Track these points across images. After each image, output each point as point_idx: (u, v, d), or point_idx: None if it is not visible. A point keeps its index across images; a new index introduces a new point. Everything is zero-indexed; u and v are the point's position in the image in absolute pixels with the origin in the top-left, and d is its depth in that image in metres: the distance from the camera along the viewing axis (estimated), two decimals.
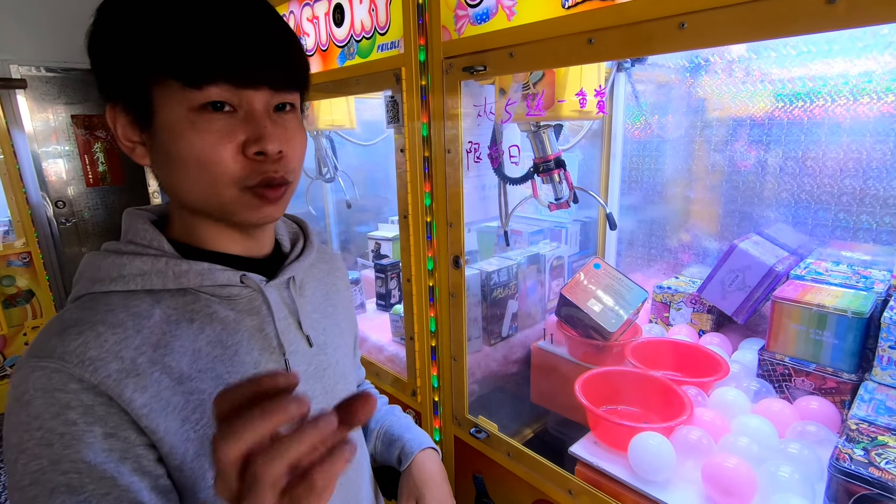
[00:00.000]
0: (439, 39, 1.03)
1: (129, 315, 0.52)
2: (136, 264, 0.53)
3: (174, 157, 0.51)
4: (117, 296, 0.53)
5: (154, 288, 0.54)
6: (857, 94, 1.16)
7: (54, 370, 0.46)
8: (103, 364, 0.48)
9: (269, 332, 0.60)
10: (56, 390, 0.46)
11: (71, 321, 0.49)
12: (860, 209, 1.20)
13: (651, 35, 0.72)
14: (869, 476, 0.73)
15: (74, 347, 0.47)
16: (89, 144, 3.80)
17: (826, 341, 1.04)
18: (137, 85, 0.50)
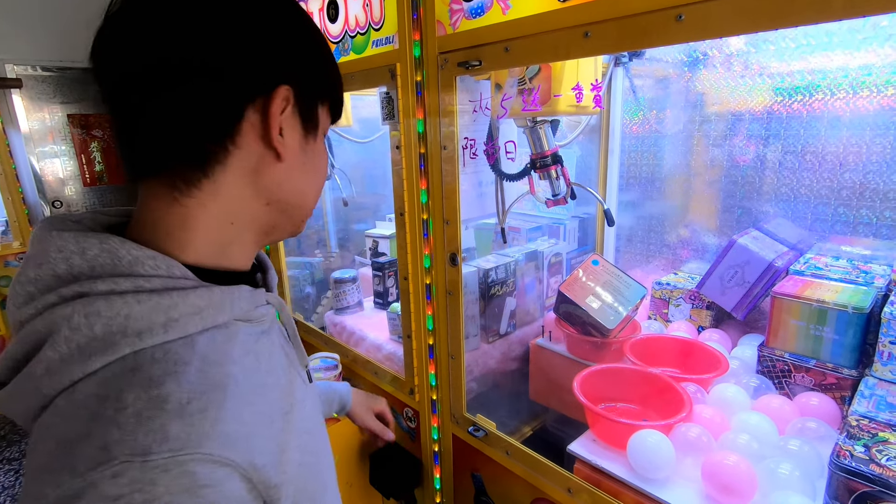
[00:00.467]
0: (434, 34, 1.02)
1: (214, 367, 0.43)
2: (190, 301, 0.43)
3: (315, 167, 0.55)
4: (179, 346, 0.42)
5: (206, 327, 0.45)
6: (857, 87, 1.15)
7: (199, 460, 0.37)
8: (241, 434, 0.41)
9: (284, 345, 0.58)
10: (203, 487, 0.37)
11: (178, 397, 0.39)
12: (860, 203, 1.19)
13: (648, 28, 0.71)
14: (870, 473, 0.73)
15: (209, 429, 0.39)
16: (86, 144, 3.78)
17: (826, 337, 1.03)
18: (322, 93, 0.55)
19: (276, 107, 0.47)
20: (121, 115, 0.46)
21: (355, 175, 2.09)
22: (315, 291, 2.14)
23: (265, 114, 0.47)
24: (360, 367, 1.55)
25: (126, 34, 0.45)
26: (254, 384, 0.46)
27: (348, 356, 1.58)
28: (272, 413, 0.47)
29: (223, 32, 0.45)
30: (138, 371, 0.39)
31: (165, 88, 0.44)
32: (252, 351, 0.49)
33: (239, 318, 0.49)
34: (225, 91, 0.45)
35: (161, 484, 0.35)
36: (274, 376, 0.50)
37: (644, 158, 1.59)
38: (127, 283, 0.41)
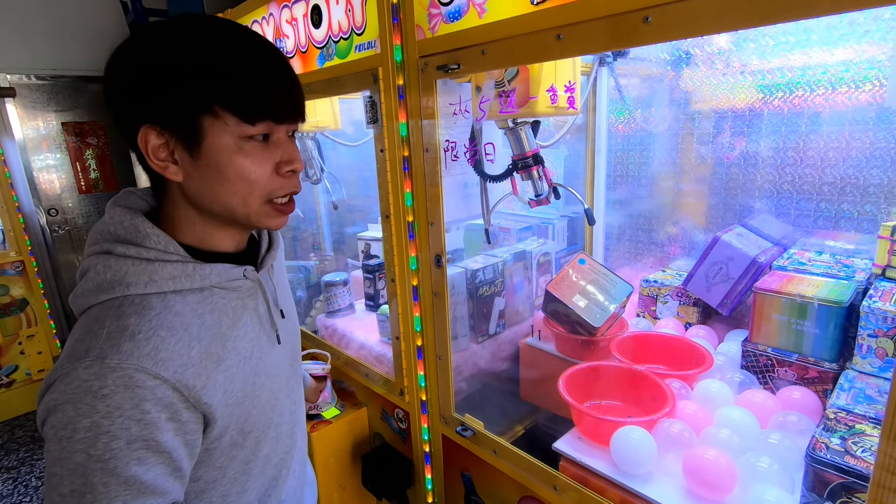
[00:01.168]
0: (414, 38, 1.03)
1: (173, 316, 0.62)
2: (168, 270, 0.63)
3: (221, 175, 0.62)
4: (155, 298, 0.62)
5: (180, 289, 0.64)
6: (836, 83, 1.16)
7: (135, 370, 0.56)
8: (171, 362, 0.59)
9: (262, 312, 0.74)
10: (136, 387, 0.56)
11: (134, 327, 0.58)
12: (841, 198, 1.20)
13: (617, 30, 0.72)
14: (844, 465, 0.74)
15: (149, 350, 0.57)
16: (80, 151, 3.79)
17: (807, 331, 1.04)
18: (190, 114, 0.60)
19: (143, 144, 0.60)
20: None
21: (348, 178, 2.10)
22: (307, 295, 2.15)
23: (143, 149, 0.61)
24: (352, 370, 1.56)
25: None
26: (210, 332, 0.64)
27: (340, 358, 1.59)
28: (223, 354, 0.65)
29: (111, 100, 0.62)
30: (120, 307, 0.60)
31: None
32: (219, 310, 0.67)
33: (215, 285, 0.67)
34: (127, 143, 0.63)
35: (110, 378, 0.55)
36: (237, 330, 0.68)
37: (631, 157, 1.60)
38: (134, 250, 0.62)
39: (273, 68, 0.63)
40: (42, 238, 3.64)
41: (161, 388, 0.57)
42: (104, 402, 0.55)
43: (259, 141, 0.63)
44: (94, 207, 3.93)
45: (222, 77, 0.59)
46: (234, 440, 0.68)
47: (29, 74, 3.50)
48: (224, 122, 0.60)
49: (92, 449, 0.55)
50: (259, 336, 0.72)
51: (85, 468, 0.55)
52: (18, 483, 2.57)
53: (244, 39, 0.62)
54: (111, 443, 0.55)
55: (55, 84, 3.66)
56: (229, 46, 0.60)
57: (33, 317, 3.19)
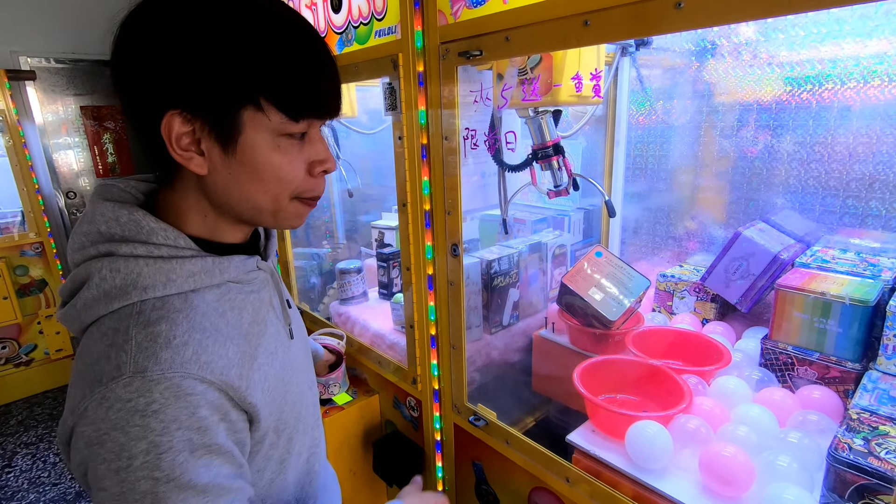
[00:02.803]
0: (436, 24, 1.01)
1: (201, 316, 0.57)
2: (187, 268, 0.58)
3: (255, 174, 0.57)
4: (175, 299, 0.56)
5: (199, 287, 0.59)
6: (868, 76, 1.13)
7: (182, 378, 0.52)
8: (214, 364, 0.55)
9: (276, 303, 0.70)
10: (187, 395, 0.51)
11: (167, 333, 0.53)
12: (869, 195, 1.17)
13: (647, 15, 0.70)
14: (867, 466, 0.72)
15: (190, 356, 0.53)
16: (98, 135, 3.83)
17: (830, 330, 1.02)
18: (231, 105, 0.54)
19: (167, 132, 0.54)
20: None
21: (363, 166, 2.10)
22: (321, 282, 2.16)
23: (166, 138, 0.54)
24: (364, 357, 1.56)
25: None
26: (236, 331, 0.60)
27: (353, 346, 1.59)
28: (253, 352, 0.61)
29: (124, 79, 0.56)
30: (141, 314, 0.54)
31: None
32: (238, 306, 0.62)
33: (231, 280, 0.63)
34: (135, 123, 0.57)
35: (156, 391, 0.50)
36: (259, 326, 0.64)
37: (651, 149, 1.58)
38: (142, 248, 0.56)
39: (323, 58, 0.57)
40: (60, 220, 3.69)
41: (210, 392, 0.54)
42: (157, 419, 0.50)
43: (297, 139, 0.58)
44: None
45: (272, 66, 0.53)
46: (271, 441, 0.64)
47: (49, 58, 3.54)
48: (267, 116, 0.55)
49: (157, 471, 0.50)
50: (279, 330, 0.69)
51: (155, 495, 0.50)
52: (37, 458, 2.63)
53: (292, 22, 0.56)
54: (176, 458, 0.50)
55: (74, 68, 3.69)
56: (279, 29, 0.54)
57: (52, 297, 3.25)
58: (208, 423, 0.53)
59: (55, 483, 2.46)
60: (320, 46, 0.57)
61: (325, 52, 0.57)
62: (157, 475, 0.49)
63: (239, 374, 0.57)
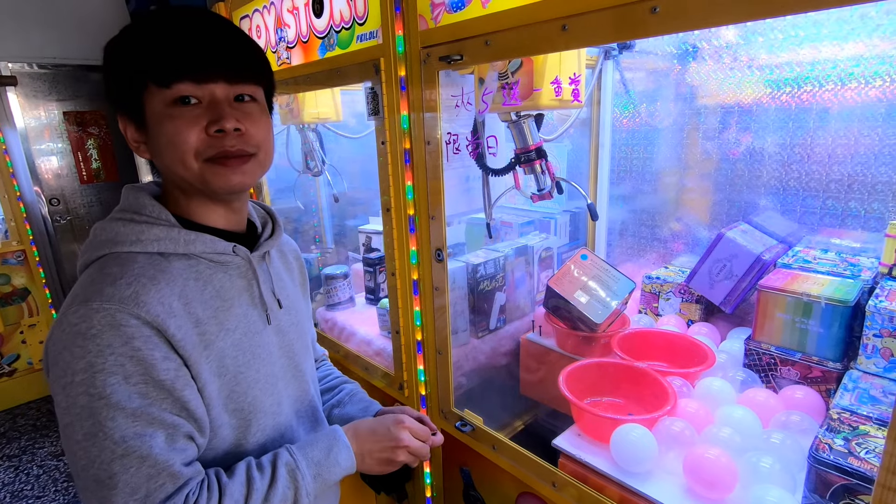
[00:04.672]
0: (416, 28, 1.01)
1: (157, 271, 0.66)
2: (154, 232, 0.68)
3: (158, 143, 0.67)
4: (141, 256, 0.67)
5: (166, 251, 0.68)
6: (845, 78, 1.14)
7: (117, 310, 0.60)
8: (152, 306, 0.62)
9: (255, 293, 0.77)
10: (121, 325, 0.60)
11: (116, 274, 0.63)
12: (849, 196, 1.19)
13: (624, 20, 0.71)
14: (847, 466, 0.73)
15: (130, 294, 0.62)
16: (82, 141, 3.78)
17: (811, 330, 1.03)
18: (132, 93, 0.66)
19: (123, 130, 0.70)
20: None
21: (351, 170, 2.08)
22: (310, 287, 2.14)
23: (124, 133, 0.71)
24: (352, 363, 1.55)
25: None
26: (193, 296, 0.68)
27: (339, 352, 1.58)
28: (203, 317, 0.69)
29: None
30: (108, 260, 0.66)
31: None
32: (203, 279, 0.71)
33: (201, 255, 0.71)
34: None
35: (95, 319, 0.59)
36: (221, 301, 0.72)
37: (635, 152, 1.58)
38: (128, 216, 0.69)
39: (188, 30, 0.65)
40: (44, 228, 3.64)
41: (145, 328, 0.61)
42: (94, 342, 0.58)
43: (185, 105, 0.65)
44: (96, 197, 3.93)
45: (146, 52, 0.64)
46: (220, 418, 0.70)
47: (31, 63, 3.49)
48: (151, 92, 0.65)
49: (92, 388, 0.58)
50: (248, 314, 0.75)
51: (90, 409, 0.58)
52: (20, 471, 2.58)
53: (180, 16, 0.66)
54: (108, 379, 0.58)
55: (56, 73, 3.64)
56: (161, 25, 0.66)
57: (35, 306, 3.20)
58: (143, 355, 0.61)
59: (38, 496, 2.41)
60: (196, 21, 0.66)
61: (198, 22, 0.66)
62: (91, 391, 0.58)
63: (177, 326, 0.64)
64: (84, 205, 3.89)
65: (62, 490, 2.44)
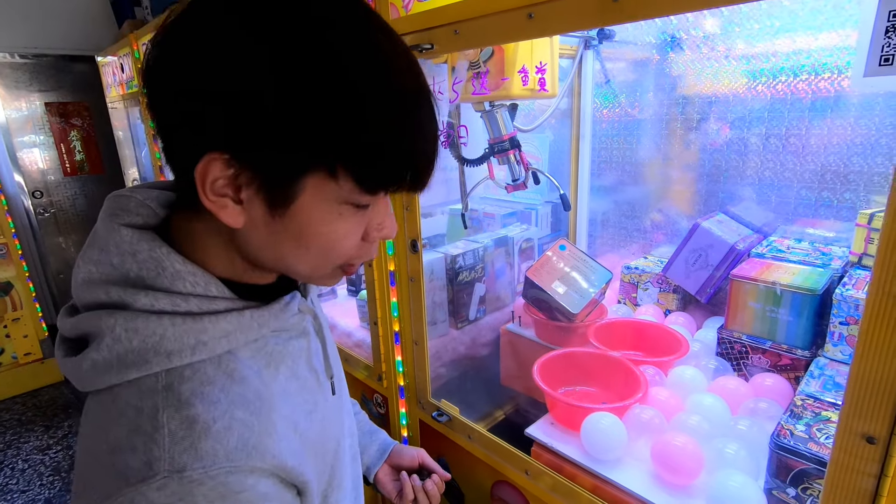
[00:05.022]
0: (388, 16, 1.00)
1: (238, 385, 0.47)
2: (220, 327, 0.46)
3: (299, 242, 0.46)
4: (209, 367, 0.46)
5: (235, 347, 0.48)
6: (819, 69, 1.14)
7: (228, 472, 0.42)
8: (263, 445, 0.45)
9: (316, 350, 0.59)
10: (235, 493, 0.42)
11: (205, 417, 0.43)
12: (822, 186, 1.20)
13: (587, 9, 0.70)
14: (807, 451, 0.74)
15: (235, 443, 0.43)
16: (65, 133, 3.73)
17: (781, 318, 1.04)
18: (297, 166, 0.42)
19: (201, 175, 0.42)
20: None
21: None
22: None
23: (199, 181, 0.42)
24: None
25: None
26: (277, 392, 0.50)
27: None
28: (296, 416, 0.52)
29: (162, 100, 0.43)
30: (170, 391, 0.44)
31: None
32: (275, 361, 0.52)
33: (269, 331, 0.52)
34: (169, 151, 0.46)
35: (199, 494, 0.40)
36: (298, 381, 0.54)
37: (615, 142, 1.58)
38: (165, 300, 0.45)
39: (429, 128, 0.45)
40: (27, 221, 3.60)
41: (262, 483, 0.44)
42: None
43: (359, 208, 0.46)
44: (80, 190, 3.88)
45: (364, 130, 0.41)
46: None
47: (11, 53, 3.42)
48: (339, 185, 0.43)
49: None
50: (317, 382, 0.59)
51: None
52: (5, 466, 2.57)
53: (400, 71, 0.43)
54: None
55: (37, 63, 3.58)
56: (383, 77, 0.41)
57: (18, 300, 3.17)
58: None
59: (23, 490, 2.40)
60: (429, 111, 0.45)
61: (432, 119, 0.45)
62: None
63: (290, 450, 0.48)
64: (68, 197, 3.85)
65: (47, 484, 2.44)
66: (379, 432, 0.92)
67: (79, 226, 3.90)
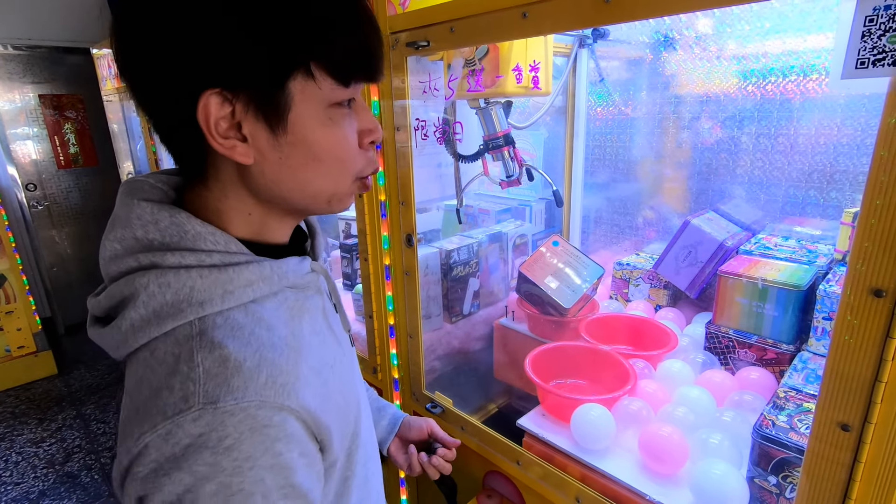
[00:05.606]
0: (385, 13, 1.01)
1: (266, 330, 0.50)
2: (244, 276, 0.50)
3: (311, 155, 0.49)
4: (238, 314, 0.50)
5: (258, 297, 0.51)
6: (808, 70, 1.17)
7: (258, 406, 0.45)
8: (290, 386, 0.48)
9: (329, 308, 0.62)
10: (264, 428, 0.45)
11: (237, 356, 0.46)
12: (808, 185, 1.22)
13: (581, 8, 0.72)
14: (788, 441, 0.76)
15: (264, 380, 0.46)
16: (59, 125, 3.71)
17: (767, 314, 1.07)
18: (279, 73, 0.46)
19: (203, 117, 0.45)
20: None
21: None
22: None
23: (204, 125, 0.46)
24: None
25: None
26: (302, 342, 0.53)
27: None
28: (320, 366, 0.54)
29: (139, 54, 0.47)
30: (204, 335, 0.47)
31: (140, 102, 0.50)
32: (297, 315, 0.55)
33: (288, 286, 0.55)
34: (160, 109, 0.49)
35: (230, 424, 0.44)
36: (320, 336, 0.57)
37: (609, 140, 1.61)
38: (192, 257, 0.48)
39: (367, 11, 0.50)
40: (21, 213, 3.58)
41: (289, 422, 0.47)
42: (230, 457, 0.43)
43: (345, 107, 0.50)
44: (74, 183, 3.87)
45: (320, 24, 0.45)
46: (342, 471, 0.58)
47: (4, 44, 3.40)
48: (317, 84, 0.47)
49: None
50: (336, 339, 0.62)
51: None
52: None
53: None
54: (246, 501, 0.44)
55: (31, 55, 3.56)
56: None
57: (12, 293, 3.16)
58: (285, 459, 0.46)
59: (17, 482, 2.41)
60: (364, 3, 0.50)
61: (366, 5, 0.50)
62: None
63: (314, 394, 0.51)
64: (62, 190, 3.83)
65: (41, 476, 2.44)
66: (389, 407, 0.95)
67: (73, 219, 3.89)
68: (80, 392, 3.18)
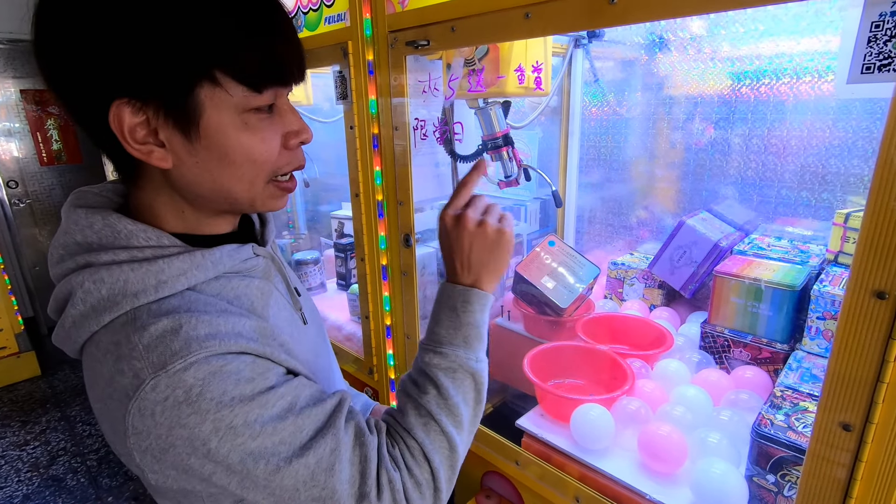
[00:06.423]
0: (384, 12, 1.01)
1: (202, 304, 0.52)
2: (175, 266, 0.52)
3: (225, 158, 0.51)
4: (172, 299, 0.51)
5: (193, 284, 0.53)
6: (800, 73, 1.18)
7: (208, 356, 0.48)
8: (235, 333, 0.51)
9: (282, 289, 0.65)
10: (221, 367, 0.48)
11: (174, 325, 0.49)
12: (801, 186, 1.24)
13: (584, 10, 0.72)
14: (786, 440, 0.77)
15: (205, 335, 0.49)
16: (41, 121, 3.63)
17: (762, 313, 1.08)
18: (184, 82, 0.47)
19: (117, 125, 0.47)
20: None
21: (325, 155, 2.06)
22: None
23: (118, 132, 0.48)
24: None
25: None
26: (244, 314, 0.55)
27: None
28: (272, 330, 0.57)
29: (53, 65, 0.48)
30: (138, 320, 0.49)
31: None
32: (242, 294, 0.57)
33: (229, 271, 0.57)
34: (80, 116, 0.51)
35: (188, 378, 0.47)
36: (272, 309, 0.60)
37: (603, 140, 1.61)
38: (124, 254, 0.51)
39: (276, 19, 0.51)
40: (2, 211, 3.50)
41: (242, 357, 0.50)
42: (206, 399, 0.47)
43: (263, 113, 0.52)
44: (58, 180, 3.79)
45: (222, 33, 0.47)
46: None
47: None
48: (226, 90, 0.48)
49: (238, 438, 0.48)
50: (291, 316, 0.64)
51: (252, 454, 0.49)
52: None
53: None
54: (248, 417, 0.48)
55: (13, 49, 3.48)
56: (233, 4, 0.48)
57: None
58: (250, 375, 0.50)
59: (1, 487, 2.35)
60: (272, 6, 0.51)
61: (278, 12, 0.51)
62: (238, 441, 0.48)
63: (264, 345, 0.53)
64: (45, 188, 3.75)
65: (25, 480, 2.39)
66: (360, 396, 0.95)
67: (56, 217, 3.80)
68: (64, 393, 3.12)
